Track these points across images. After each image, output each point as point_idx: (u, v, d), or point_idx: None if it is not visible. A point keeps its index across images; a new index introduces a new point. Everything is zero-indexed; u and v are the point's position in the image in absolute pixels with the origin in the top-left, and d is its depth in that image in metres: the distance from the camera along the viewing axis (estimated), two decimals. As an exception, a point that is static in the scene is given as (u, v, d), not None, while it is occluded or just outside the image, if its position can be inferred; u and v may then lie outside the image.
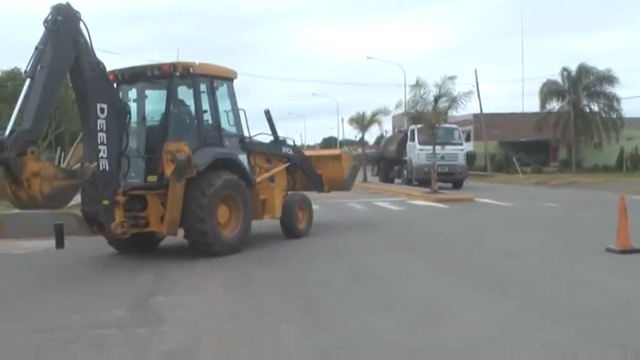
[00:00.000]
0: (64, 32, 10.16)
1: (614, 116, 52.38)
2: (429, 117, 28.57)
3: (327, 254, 12.06)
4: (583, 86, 52.35)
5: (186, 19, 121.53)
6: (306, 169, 15.94)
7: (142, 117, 12.62)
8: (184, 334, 6.66)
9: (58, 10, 10.12)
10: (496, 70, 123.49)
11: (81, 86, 10.85)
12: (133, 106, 12.41)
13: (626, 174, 42.73)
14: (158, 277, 10.03)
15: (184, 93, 12.57)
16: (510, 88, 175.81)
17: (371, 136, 64.19)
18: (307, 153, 17.28)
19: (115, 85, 12.06)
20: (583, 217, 18.21)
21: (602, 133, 51.87)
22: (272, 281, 9.65)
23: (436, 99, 27.91)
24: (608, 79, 51.53)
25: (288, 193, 15.02)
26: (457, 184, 33.96)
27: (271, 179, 14.25)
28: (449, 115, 30.39)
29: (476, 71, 52.98)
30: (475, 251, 12.05)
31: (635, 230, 11.35)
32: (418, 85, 28.69)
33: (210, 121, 12.59)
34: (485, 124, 51.65)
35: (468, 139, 50.93)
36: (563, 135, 52.78)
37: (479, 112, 52.47)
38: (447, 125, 33.31)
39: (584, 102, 52.89)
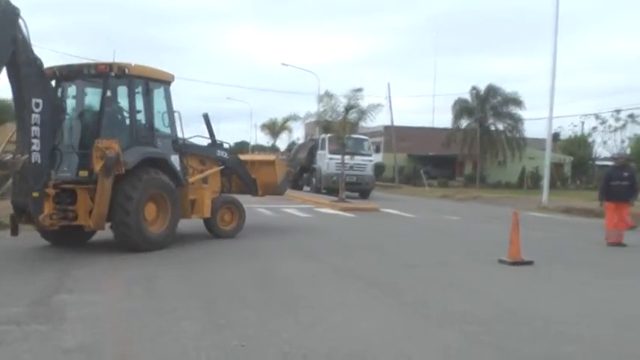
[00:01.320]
0: (2, 28, 10.42)
1: (518, 136, 54.49)
2: (337, 127, 29.08)
3: (232, 257, 12.22)
4: (490, 106, 54.28)
5: (102, 10, 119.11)
6: (240, 173, 16.40)
7: (79, 113, 12.93)
8: (85, 332, 6.68)
9: None
10: (409, 85, 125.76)
11: (17, 81, 10.98)
12: (72, 102, 12.82)
13: (527, 191, 44.35)
14: (62, 275, 9.94)
15: (119, 92, 12.92)
16: (422, 102, 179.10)
17: (283, 143, 64.63)
18: (243, 157, 17.74)
19: (53, 81, 12.30)
20: (482, 230, 18.97)
21: (506, 152, 53.96)
22: (176, 281, 9.73)
23: (346, 110, 28.44)
24: (514, 100, 53.66)
25: (221, 195, 15.38)
26: (364, 194, 34.59)
27: (204, 180, 14.76)
28: (361, 125, 31.00)
29: (389, 84, 54.60)
30: (376, 260, 12.43)
31: (526, 243, 11.99)
32: (328, 95, 29.18)
33: (143, 121, 12.97)
34: (395, 136, 52.71)
35: (378, 150, 51.98)
36: (469, 151, 54.55)
37: (390, 124, 53.49)
38: (357, 136, 33.96)
39: (491, 121, 54.84)
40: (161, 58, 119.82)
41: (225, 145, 15.94)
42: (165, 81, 13.68)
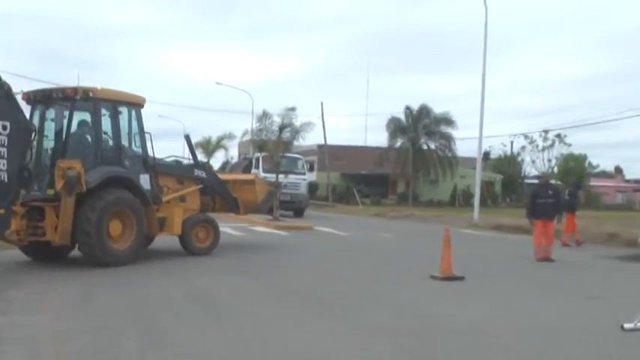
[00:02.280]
0: None
1: (450, 155, 55.52)
2: (272, 146, 29.21)
3: (168, 275, 12.17)
4: (423, 125, 55.16)
5: (33, 24, 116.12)
6: (221, 192, 16.78)
7: (54, 135, 13.33)
8: (23, 354, 6.52)
9: None
10: (342, 104, 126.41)
11: None
12: (51, 125, 13.38)
13: (458, 209, 45.16)
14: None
15: (85, 115, 13.44)
16: (355, 122, 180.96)
17: (217, 162, 64.32)
18: (223, 177, 18.15)
19: (29, 105, 13.23)
20: (414, 247, 19.22)
21: (438, 170, 54.79)
22: (112, 300, 9.60)
23: (280, 129, 28.62)
24: (446, 120, 54.74)
25: (195, 214, 15.59)
26: (298, 213, 34.63)
27: (182, 199, 15.26)
28: (295, 144, 31.19)
29: (322, 103, 54.68)
30: (309, 276, 12.53)
31: (458, 259, 12.21)
32: (265, 115, 29.37)
33: (110, 142, 13.53)
34: (328, 155, 53.02)
35: (311, 169, 52.11)
36: (402, 170, 55.21)
37: (323, 143, 53.82)
38: (290, 155, 34.09)
39: (423, 140, 55.72)
40: (93, 75, 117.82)
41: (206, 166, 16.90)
42: (135, 104, 14.24)
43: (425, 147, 55.89)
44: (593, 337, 7.74)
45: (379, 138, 60.78)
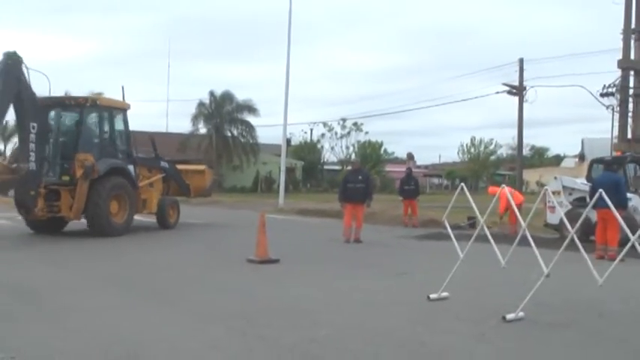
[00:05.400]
0: (11, 72, 14.91)
1: (252, 142, 56.28)
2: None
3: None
4: (226, 112, 55.46)
5: None
6: (178, 180, 21.54)
7: (63, 133, 17.63)
8: None
9: (7, 56, 15.00)
10: (144, 89, 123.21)
11: (20, 110, 15.34)
12: (61, 125, 17.59)
13: (261, 195, 46.01)
14: None
15: (92, 118, 17.90)
16: (157, 107, 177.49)
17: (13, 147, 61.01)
18: (180, 167, 22.38)
19: (46, 108, 16.54)
20: (224, 233, 19.65)
21: (241, 157, 55.33)
22: None
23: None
24: (249, 107, 55.39)
25: (164, 196, 20.42)
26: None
27: (151, 185, 19.66)
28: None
29: (123, 87, 53.20)
30: (129, 264, 12.54)
31: (270, 243, 12.69)
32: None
33: (108, 140, 17.93)
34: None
35: (113, 156, 50.92)
36: (205, 156, 55.14)
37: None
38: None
39: (226, 126, 56.01)
40: None
41: (167, 158, 21.24)
42: (123, 109, 18.60)
43: (228, 133, 56.26)
44: (405, 307, 8.49)
45: (181, 124, 60.51)
